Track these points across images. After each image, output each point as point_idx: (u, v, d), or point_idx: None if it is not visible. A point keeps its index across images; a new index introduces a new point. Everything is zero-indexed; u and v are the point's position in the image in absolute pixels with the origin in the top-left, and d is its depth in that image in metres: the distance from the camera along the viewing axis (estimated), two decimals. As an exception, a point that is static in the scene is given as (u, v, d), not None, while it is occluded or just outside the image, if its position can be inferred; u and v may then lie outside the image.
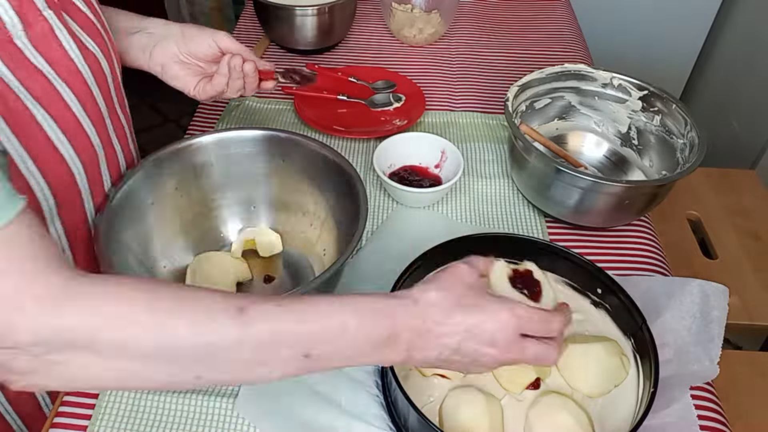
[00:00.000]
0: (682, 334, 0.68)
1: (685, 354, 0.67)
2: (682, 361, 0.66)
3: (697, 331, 0.68)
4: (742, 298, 1.11)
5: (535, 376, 0.63)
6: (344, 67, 1.13)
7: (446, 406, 0.61)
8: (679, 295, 0.71)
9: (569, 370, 0.64)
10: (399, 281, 0.64)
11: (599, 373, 0.63)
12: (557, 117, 0.96)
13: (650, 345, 0.61)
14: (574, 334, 0.67)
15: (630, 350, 0.65)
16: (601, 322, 0.68)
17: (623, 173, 0.92)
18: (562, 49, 1.21)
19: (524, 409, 0.62)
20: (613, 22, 1.90)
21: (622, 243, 0.84)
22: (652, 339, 0.62)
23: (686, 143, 0.83)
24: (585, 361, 0.64)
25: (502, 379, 0.64)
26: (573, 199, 0.79)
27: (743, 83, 1.79)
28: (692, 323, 0.69)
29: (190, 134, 0.98)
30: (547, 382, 0.64)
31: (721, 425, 0.65)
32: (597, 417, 0.61)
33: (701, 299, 0.70)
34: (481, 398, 0.61)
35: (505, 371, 0.63)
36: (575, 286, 0.70)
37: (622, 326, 0.67)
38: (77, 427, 0.63)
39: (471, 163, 0.95)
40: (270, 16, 1.13)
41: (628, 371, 0.64)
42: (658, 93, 0.88)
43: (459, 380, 0.64)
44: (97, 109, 0.65)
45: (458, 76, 1.14)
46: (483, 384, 0.63)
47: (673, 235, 1.22)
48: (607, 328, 0.67)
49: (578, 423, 0.59)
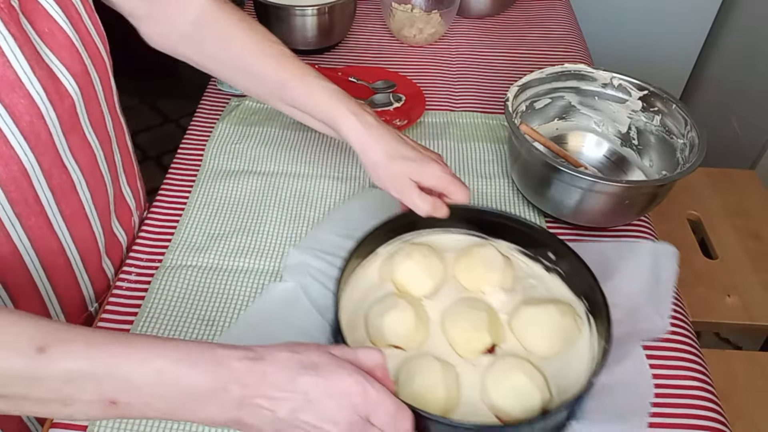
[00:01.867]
0: (634, 295, 0.70)
1: (636, 313, 0.68)
2: (633, 319, 0.68)
3: (648, 291, 0.70)
4: (742, 298, 1.11)
5: (491, 341, 0.64)
6: (344, 67, 1.13)
7: (401, 376, 0.61)
8: (629, 257, 0.74)
9: (523, 333, 0.65)
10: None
11: (553, 334, 0.64)
12: (557, 117, 0.96)
13: (603, 304, 0.62)
14: (528, 298, 0.68)
15: (583, 311, 0.66)
16: (555, 286, 0.70)
17: (623, 173, 0.92)
18: (562, 49, 1.21)
19: (480, 374, 0.62)
20: (613, 22, 1.90)
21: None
22: (604, 297, 0.63)
23: (686, 143, 0.83)
24: (539, 323, 0.65)
25: (458, 346, 0.64)
26: (573, 199, 0.79)
27: (743, 83, 1.79)
28: (643, 284, 0.71)
29: (191, 134, 0.98)
30: (503, 347, 0.65)
31: (721, 425, 0.65)
32: (553, 377, 0.62)
33: (652, 260, 0.73)
34: (436, 366, 0.61)
35: (460, 338, 0.64)
36: (528, 253, 0.72)
37: (574, 289, 0.68)
38: (77, 427, 0.62)
39: (471, 163, 0.95)
40: (270, 16, 1.13)
41: (581, 330, 0.65)
42: (658, 93, 0.88)
43: (414, 350, 0.64)
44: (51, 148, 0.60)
45: (458, 76, 1.14)
46: (439, 352, 0.64)
47: (673, 235, 1.22)
48: (561, 291, 0.69)
49: (533, 383, 0.60)
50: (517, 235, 0.72)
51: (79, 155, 0.65)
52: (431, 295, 0.69)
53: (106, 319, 0.72)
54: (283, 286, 0.74)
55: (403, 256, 0.70)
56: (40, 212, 0.62)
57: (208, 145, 0.96)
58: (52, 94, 0.59)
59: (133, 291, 0.74)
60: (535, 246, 0.71)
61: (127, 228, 0.80)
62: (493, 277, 0.69)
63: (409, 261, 0.70)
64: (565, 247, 0.68)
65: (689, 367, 0.69)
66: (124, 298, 0.74)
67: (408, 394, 0.58)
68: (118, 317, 0.72)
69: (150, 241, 0.81)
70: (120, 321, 0.72)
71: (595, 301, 0.64)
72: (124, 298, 0.74)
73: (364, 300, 0.68)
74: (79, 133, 0.65)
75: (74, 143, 0.64)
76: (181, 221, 0.84)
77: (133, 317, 0.71)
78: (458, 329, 0.65)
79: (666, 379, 0.68)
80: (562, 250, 0.68)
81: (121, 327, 0.71)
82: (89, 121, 0.66)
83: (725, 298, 1.12)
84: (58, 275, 0.67)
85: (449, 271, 0.72)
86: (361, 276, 0.71)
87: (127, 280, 0.76)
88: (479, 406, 0.60)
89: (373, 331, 0.65)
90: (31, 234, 0.62)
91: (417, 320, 0.65)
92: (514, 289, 0.70)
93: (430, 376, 0.60)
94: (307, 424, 0.48)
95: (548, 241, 0.69)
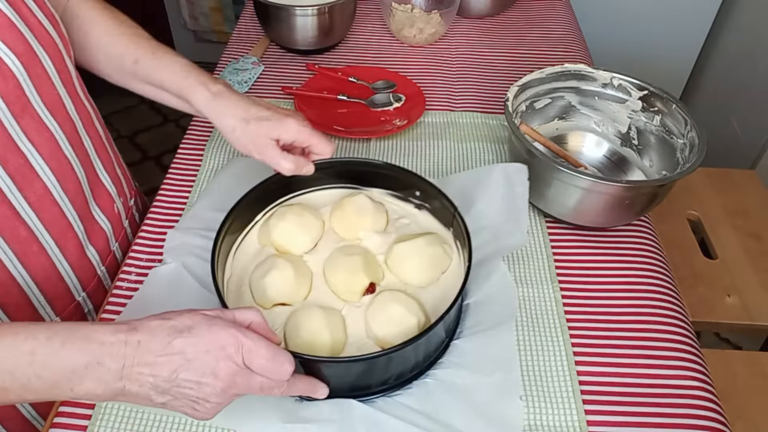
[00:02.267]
0: (494, 216, 0.77)
1: (499, 232, 0.75)
2: (497, 238, 0.74)
3: (506, 209, 0.77)
4: (742, 298, 1.11)
5: (368, 281, 0.68)
6: (344, 67, 1.13)
7: (288, 328, 0.65)
8: (485, 182, 0.80)
9: (397, 267, 0.70)
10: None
11: (424, 263, 0.69)
12: (557, 117, 0.96)
13: (462, 229, 0.68)
14: (402, 236, 0.73)
15: (451, 239, 0.72)
16: (426, 221, 0.76)
17: (623, 173, 0.92)
18: (562, 49, 1.21)
19: (363, 313, 0.67)
20: (613, 22, 1.90)
21: (622, 243, 0.84)
22: (463, 222, 0.68)
23: (686, 143, 0.83)
24: (409, 256, 0.69)
25: (339, 292, 0.68)
26: (573, 199, 0.79)
27: (743, 83, 1.79)
28: (501, 204, 0.78)
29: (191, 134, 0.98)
30: (382, 284, 0.69)
31: (721, 425, 0.65)
32: (432, 303, 0.68)
33: (504, 180, 0.79)
34: (319, 313, 0.64)
35: (339, 283, 0.68)
36: (398, 195, 0.78)
37: (442, 220, 0.74)
38: (77, 427, 0.63)
39: (471, 163, 0.95)
40: (270, 16, 1.13)
41: (451, 257, 0.71)
42: (658, 93, 0.88)
43: (300, 304, 0.68)
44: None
45: (458, 76, 1.14)
46: (324, 301, 0.68)
47: (673, 235, 1.22)
48: (431, 224, 0.75)
49: (408, 310, 0.64)
50: (386, 180, 0.77)
51: (35, 138, 0.64)
52: (311, 251, 0.73)
53: (106, 319, 0.72)
54: (165, 269, 0.74)
55: (277, 219, 0.73)
56: (2, 200, 0.62)
57: (208, 145, 0.96)
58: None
59: (133, 291, 0.74)
60: (403, 188, 0.76)
61: (110, 215, 0.79)
62: (366, 222, 0.74)
63: (283, 222, 0.73)
64: (429, 185, 0.73)
65: (689, 367, 0.70)
66: (124, 298, 0.74)
67: (297, 344, 0.62)
68: (118, 317, 0.72)
69: (150, 241, 0.81)
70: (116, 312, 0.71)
71: (458, 228, 0.70)
72: (124, 298, 0.74)
73: (248, 267, 0.72)
74: (32, 115, 0.64)
75: (28, 126, 0.63)
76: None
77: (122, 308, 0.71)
78: (337, 276, 0.69)
79: (666, 379, 0.68)
80: (427, 187, 0.73)
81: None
82: (43, 103, 0.65)
83: (725, 298, 1.11)
84: (34, 263, 0.67)
85: (326, 225, 0.76)
86: (243, 246, 0.74)
87: (127, 280, 0.76)
88: (365, 342, 0.65)
89: (257, 294, 0.68)
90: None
91: (297, 275, 0.68)
92: (387, 231, 0.75)
93: (313, 323, 0.63)
94: (190, 381, 0.50)
95: (414, 181, 0.74)
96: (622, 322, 0.74)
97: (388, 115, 1.03)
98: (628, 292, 0.77)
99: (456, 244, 0.72)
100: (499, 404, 0.62)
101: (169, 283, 0.72)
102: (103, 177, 0.78)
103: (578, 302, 0.76)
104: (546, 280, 0.78)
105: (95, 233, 0.76)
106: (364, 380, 0.62)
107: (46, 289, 0.69)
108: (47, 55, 0.64)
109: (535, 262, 0.80)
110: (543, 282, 0.77)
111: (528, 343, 0.71)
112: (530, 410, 0.65)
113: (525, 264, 0.80)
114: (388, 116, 1.03)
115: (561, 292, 0.76)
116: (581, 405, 0.65)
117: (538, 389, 0.67)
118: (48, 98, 0.66)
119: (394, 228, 0.75)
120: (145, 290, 0.72)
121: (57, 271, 0.70)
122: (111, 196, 0.80)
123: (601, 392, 0.67)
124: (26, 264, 0.66)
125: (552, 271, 0.79)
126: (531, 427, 0.63)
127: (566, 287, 0.77)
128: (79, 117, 0.71)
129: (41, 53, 0.63)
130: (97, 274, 0.77)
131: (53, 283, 0.70)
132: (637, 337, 0.72)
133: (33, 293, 0.68)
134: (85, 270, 0.75)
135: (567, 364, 0.69)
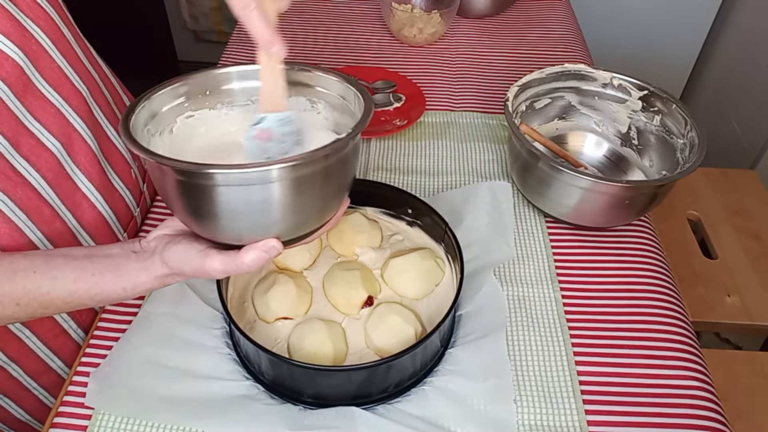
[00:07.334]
0: (482, 231, 0.80)
1: (487, 246, 0.79)
2: (486, 252, 0.78)
3: (494, 224, 0.81)
4: (742, 298, 1.11)
5: (366, 294, 0.70)
6: (344, 67, 1.13)
7: (292, 341, 0.67)
8: (473, 199, 0.84)
9: (394, 281, 0.73)
10: None
11: (419, 276, 0.72)
12: (557, 117, 0.96)
13: (453, 243, 0.71)
14: (396, 251, 0.76)
15: (443, 253, 0.75)
16: (417, 237, 0.79)
17: (623, 173, 0.92)
18: (562, 49, 1.21)
19: (363, 324, 0.69)
20: (613, 22, 1.90)
21: (622, 243, 0.84)
22: (454, 238, 0.71)
23: (686, 143, 0.83)
24: (404, 270, 0.73)
25: (339, 305, 0.71)
26: (573, 199, 0.79)
27: (743, 83, 1.79)
28: (488, 219, 0.82)
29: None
30: (379, 297, 0.72)
31: (721, 425, 0.65)
32: (427, 314, 0.71)
33: (491, 197, 0.84)
34: (321, 326, 0.67)
35: (339, 297, 0.71)
36: (391, 213, 0.80)
37: (433, 236, 0.77)
38: (77, 427, 0.63)
39: (471, 163, 0.95)
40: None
41: (444, 271, 0.74)
42: (658, 93, 0.88)
43: (301, 317, 0.70)
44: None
45: (458, 76, 1.14)
46: (324, 315, 0.71)
47: (673, 235, 1.22)
48: (423, 240, 0.78)
49: (405, 320, 0.67)
50: (379, 199, 0.79)
51: (41, 116, 0.64)
52: (310, 267, 0.75)
53: (106, 319, 0.72)
54: (168, 287, 0.72)
55: None
56: (24, 183, 0.62)
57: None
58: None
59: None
60: (396, 206, 0.79)
61: (129, 181, 0.79)
62: (361, 239, 0.76)
63: None
64: (421, 203, 0.76)
65: (689, 367, 0.70)
66: (124, 298, 0.74)
67: (301, 355, 0.65)
68: (117, 317, 0.72)
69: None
70: (120, 321, 0.72)
71: (449, 243, 0.72)
72: (124, 298, 0.74)
73: (250, 284, 0.73)
74: (35, 94, 0.63)
75: (31, 105, 0.62)
76: (181, 221, 0.84)
77: (132, 317, 0.71)
78: (336, 290, 0.71)
79: (666, 379, 0.68)
80: (419, 205, 0.76)
81: (121, 327, 0.71)
82: (44, 80, 0.64)
83: (725, 298, 1.11)
84: (59, 241, 0.68)
85: (324, 242, 0.78)
86: None
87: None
88: (366, 352, 0.68)
89: (260, 309, 0.70)
90: (23, 206, 0.62)
91: (299, 291, 0.70)
92: (382, 247, 0.78)
93: (316, 335, 0.66)
94: None
95: (406, 199, 0.77)
96: (622, 322, 0.74)
97: (388, 115, 1.03)
98: (628, 292, 0.77)
99: (448, 258, 0.74)
100: (493, 408, 0.64)
101: (173, 300, 0.73)
102: (118, 143, 0.78)
103: (578, 302, 0.76)
104: (546, 280, 0.78)
105: (115, 201, 0.76)
106: (365, 388, 0.64)
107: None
108: (39, 29, 0.62)
109: (535, 262, 0.80)
110: (543, 282, 0.78)
111: (528, 343, 0.71)
112: (530, 410, 0.65)
113: (525, 264, 0.80)
114: (388, 116, 1.03)
115: (561, 292, 0.77)
116: (581, 405, 0.65)
117: (538, 389, 0.67)
118: (48, 73, 0.64)
119: (389, 244, 0.78)
120: (150, 308, 0.72)
121: (80, 245, 0.70)
122: (127, 162, 0.79)
123: (601, 392, 0.67)
124: (54, 243, 0.67)
125: (552, 271, 0.79)
126: (531, 427, 0.64)
127: (566, 287, 0.77)
128: (86, 86, 0.70)
129: (32, 28, 0.61)
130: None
131: None
132: (637, 337, 0.72)
133: None
134: (108, 241, 0.75)
135: (567, 364, 0.69)
